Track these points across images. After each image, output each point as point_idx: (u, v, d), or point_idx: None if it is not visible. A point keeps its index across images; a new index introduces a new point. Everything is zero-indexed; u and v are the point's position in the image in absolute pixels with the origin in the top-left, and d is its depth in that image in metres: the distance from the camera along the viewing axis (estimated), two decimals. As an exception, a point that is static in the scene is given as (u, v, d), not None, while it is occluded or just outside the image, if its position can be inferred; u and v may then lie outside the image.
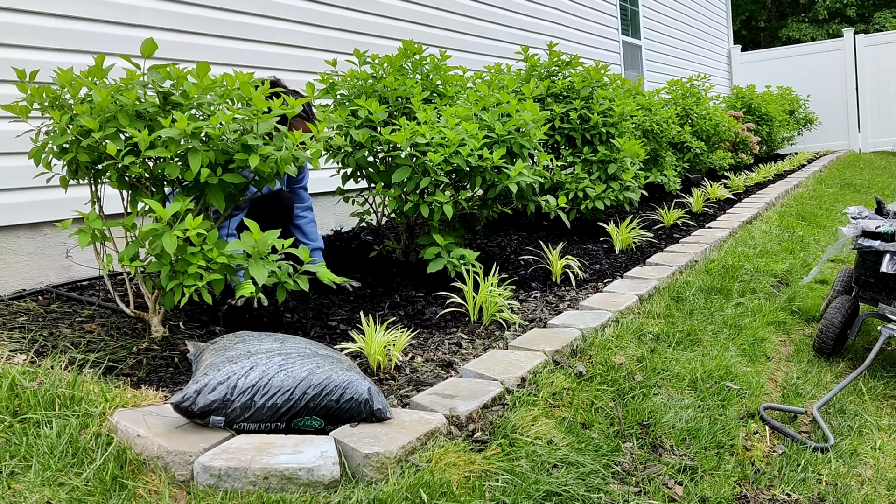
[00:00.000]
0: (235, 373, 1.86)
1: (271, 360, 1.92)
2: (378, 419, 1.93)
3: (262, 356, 1.94)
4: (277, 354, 1.96)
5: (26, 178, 3.11)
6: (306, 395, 1.87)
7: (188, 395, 1.81)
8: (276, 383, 1.86)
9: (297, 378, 1.88)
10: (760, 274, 3.94)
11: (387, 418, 1.94)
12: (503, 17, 6.62)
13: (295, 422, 1.88)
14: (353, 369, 2.00)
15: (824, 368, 2.81)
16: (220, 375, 1.85)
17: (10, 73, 3.07)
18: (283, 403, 1.85)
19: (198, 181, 2.52)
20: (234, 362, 1.89)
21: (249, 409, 1.83)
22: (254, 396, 1.83)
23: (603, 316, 2.93)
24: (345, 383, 1.91)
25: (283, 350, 2.00)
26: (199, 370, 1.93)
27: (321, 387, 1.88)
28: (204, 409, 1.81)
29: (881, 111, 12.28)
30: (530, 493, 1.73)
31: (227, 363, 1.90)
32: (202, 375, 1.86)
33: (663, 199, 6.41)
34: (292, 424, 1.87)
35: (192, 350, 2.28)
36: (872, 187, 7.81)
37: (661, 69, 10.31)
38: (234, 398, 1.82)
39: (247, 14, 4.16)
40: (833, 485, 1.97)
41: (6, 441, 1.76)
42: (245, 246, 2.40)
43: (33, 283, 3.21)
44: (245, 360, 1.91)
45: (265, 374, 1.87)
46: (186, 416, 1.83)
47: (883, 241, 2.71)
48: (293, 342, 2.10)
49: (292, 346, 2.05)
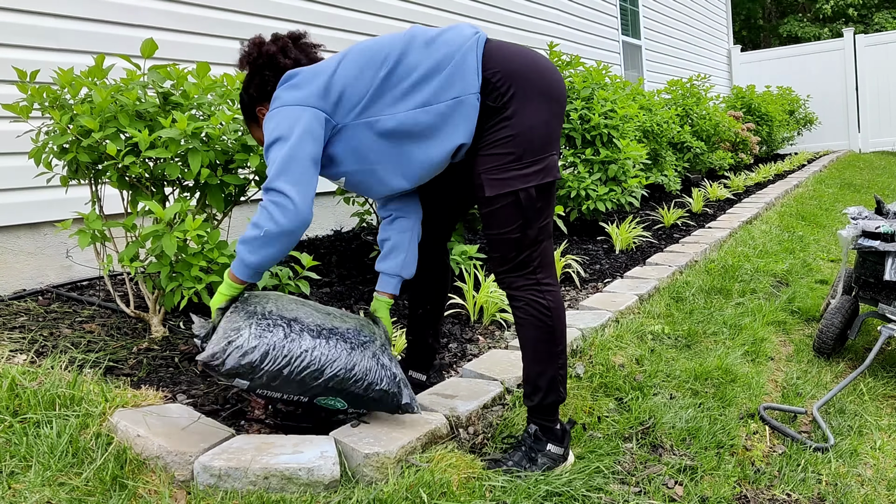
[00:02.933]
0: (271, 344, 1.77)
1: (306, 334, 1.83)
2: (405, 411, 1.89)
3: (298, 327, 1.83)
4: (316, 329, 1.85)
5: (26, 178, 3.11)
6: (336, 376, 1.80)
7: (217, 353, 1.72)
8: (308, 361, 1.79)
9: (331, 359, 1.81)
10: (760, 274, 3.94)
11: (414, 412, 1.90)
12: (503, 17, 6.63)
13: (318, 399, 1.83)
14: (387, 353, 1.92)
15: (824, 368, 2.81)
16: (254, 340, 1.76)
17: (10, 73, 3.07)
18: (311, 381, 1.79)
19: (198, 181, 2.52)
20: (269, 330, 1.79)
21: (276, 380, 1.77)
22: (283, 369, 1.77)
23: (603, 316, 2.93)
24: (376, 373, 1.85)
25: (323, 326, 1.88)
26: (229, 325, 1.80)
27: (353, 372, 1.82)
28: (231, 370, 1.74)
29: (881, 111, 12.28)
30: (531, 494, 1.73)
31: (263, 329, 1.79)
32: (234, 333, 1.76)
33: (663, 199, 6.41)
34: (315, 401, 1.84)
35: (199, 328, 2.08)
36: (872, 187, 7.81)
37: (661, 69, 10.31)
38: (263, 366, 1.75)
39: (247, 14, 4.16)
40: (833, 485, 1.97)
41: (6, 441, 1.76)
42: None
43: (33, 283, 3.21)
44: (280, 330, 1.80)
45: (300, 348, 1.79)
46: (211, 372, 1.75)
47: (883, 242, 2.71)
48: (338, 317, 1.96)
49: (334, 322, 1.92)
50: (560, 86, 1.82)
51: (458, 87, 1.74)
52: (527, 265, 1.82)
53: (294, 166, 1.72)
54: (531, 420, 1.90)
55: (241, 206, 4.00)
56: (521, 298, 1.84)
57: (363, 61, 1.80)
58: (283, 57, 1.91)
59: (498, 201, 1.77)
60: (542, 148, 1.76)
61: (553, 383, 1.85)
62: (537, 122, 1.75)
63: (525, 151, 1.75)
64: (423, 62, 1.77)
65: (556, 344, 1.84)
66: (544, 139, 1.77)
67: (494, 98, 1.75)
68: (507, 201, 1.76)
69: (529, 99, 1.75)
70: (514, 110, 1.74)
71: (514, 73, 1.75)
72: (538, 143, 1.75)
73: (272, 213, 1.72)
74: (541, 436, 1.88)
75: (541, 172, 1.76)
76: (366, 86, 1.78)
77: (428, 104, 1.75)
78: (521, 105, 1.74)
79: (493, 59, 1.76)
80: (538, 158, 1.76)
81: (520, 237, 1.79)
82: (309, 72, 1.82)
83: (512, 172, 1.75)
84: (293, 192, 1.71)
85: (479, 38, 1.79)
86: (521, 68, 1.76)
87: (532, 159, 1.75)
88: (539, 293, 1.83)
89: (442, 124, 1.77)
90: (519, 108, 1.74)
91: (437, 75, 1.75)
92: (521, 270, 1.83)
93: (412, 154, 1.82)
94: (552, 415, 1.88)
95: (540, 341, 1.84)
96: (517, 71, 1.75)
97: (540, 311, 1.82)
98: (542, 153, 1.76)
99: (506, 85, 1.74)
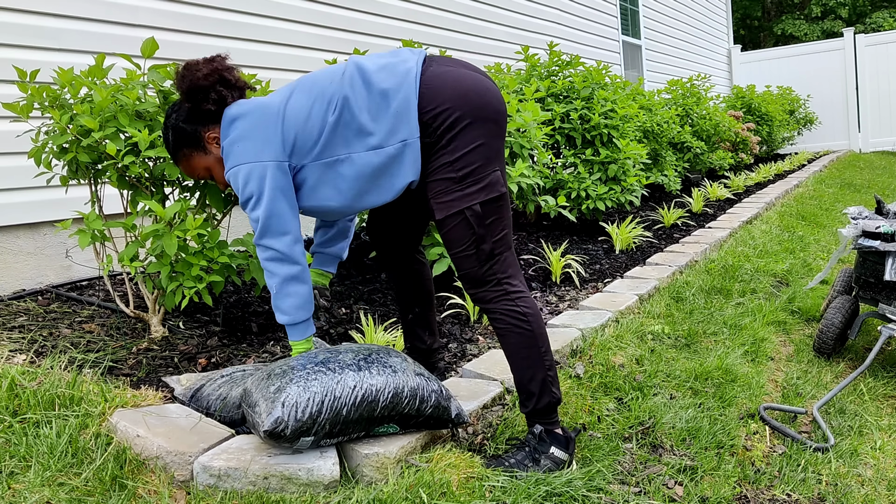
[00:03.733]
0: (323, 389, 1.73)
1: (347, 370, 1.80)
2: (456, 424, 1.90)
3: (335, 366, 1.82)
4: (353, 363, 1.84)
5: (26, 178, 3.11)
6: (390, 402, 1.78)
7: (279, 418, 1.66)
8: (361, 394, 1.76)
9: (380, 386, 1.79)
10: (760, 274, 3.94)
11: (466, 422, 1.93)
12: (503, 17, 6.62)
13: (374, 429, 1.81)
14: (424, 374, 1.91)
15: (824, 368, 2.81)
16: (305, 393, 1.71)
17: (10, 73, 3.07)
18: (368, 414, 1.76)
19: (198, 181, 2.52)
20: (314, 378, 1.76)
21: (337, 425, 1.73)
22: (342, 410, 1.73)
23: (603, 316, 2.93)
24: (424, 389, 1.84)
25: (357, 357, 1.87)
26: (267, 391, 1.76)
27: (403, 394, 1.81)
28: (295, 431, 1.68)
29: (881, 111, 12.27)
30: (531, 494, 1.73)
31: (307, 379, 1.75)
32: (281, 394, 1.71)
33: (663, 199, 6.41)
34: (371, 432, 1.81)
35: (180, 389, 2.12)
36: (872, 187, 7.81)
37: (661, 69, 10.31)
38: (323, 414, 1.71)
39: (247, 14, 4.16)
40: (833, 485, 1.97)
41: (6, 441, 1.76)
42: (248, 245, 2.41)
43: (33, 283, 3.21)
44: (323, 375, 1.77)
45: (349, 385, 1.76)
46: (276, 441, 1.68)
47: (883, 241, 2.70)
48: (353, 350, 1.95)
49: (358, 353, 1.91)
50: (494, 104, 1.87)
51: (404, 132, 1.83)
52: (491, 278, 1.87)
53: (273, 222, 1.88)
54: (533, 423, 1.91)
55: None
56: (495, 311, 1.89)
57: (309, 104, 1.88)
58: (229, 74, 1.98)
59: (448, 222, 1.85)
60: (482, 167, 1.84)
61: (544, 385, 1.88)
62: (473, 144, 1.83)
63: (466, 174, 1.83)
64: (366, 107, 1.84)
65: (538, 347, 1.88)
66: (483, 158, 1.84)
67: (430, 134, 1.84)
68: (457, 221, 1.84)
69: (463, 127, 1.82)
70: (448, 139, 1.83)
71: (447, 108, 1.82)
72: (477, 164, 1.83)
73: (270, 269, 1.93)
74: (545, 437, 1.89)
75: (484, 189, 1.84)
76: (317, 130, 1.87)
77: (379, 147, 1.84)
78: (454, 134, 1.83)
79: (425, 98, 1.83)
80: (479, 177, 1.84)
81: (476, 252, 1.85)
82: (256, 115, 1.88)
83: (455, 194, 1.83)
84: (279, 245, 1.90)
85: (417, 75, 1.84)
86: (449, 98, 1.82)
87: (473, 179, 1.83)
88: (511, 302, 1.87)
89: (393, 164, 1.85)
90: (453, 137, 1.82)
91: (382, 120, 1.83)
92: (487, 285, 1.88)
93: (367, 188, 1.90)
94: (551, 417, 1.90)
95: (523, 347, 1.87)
96: (446, 102, 1.82)
97: (517, 319, 1.87)
98: (482, 172, 1.84)
99: (440, 120, 1.82)
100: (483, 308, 1.91)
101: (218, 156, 2.00)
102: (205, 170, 2.04)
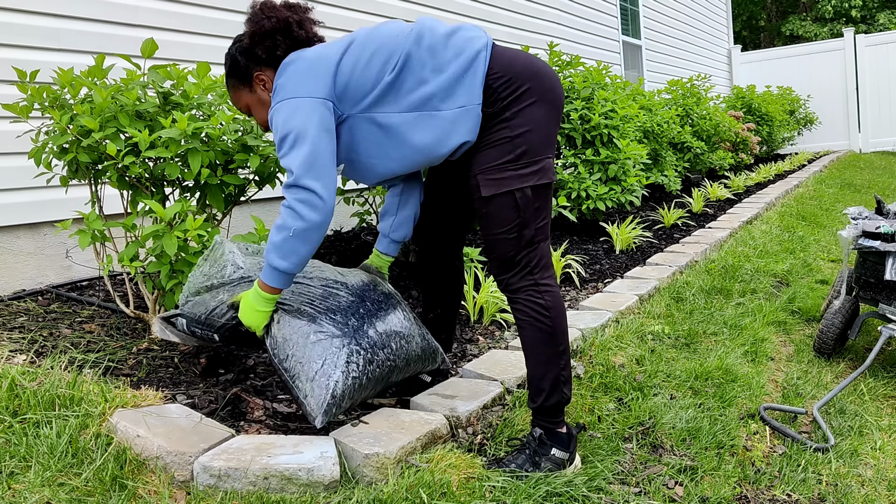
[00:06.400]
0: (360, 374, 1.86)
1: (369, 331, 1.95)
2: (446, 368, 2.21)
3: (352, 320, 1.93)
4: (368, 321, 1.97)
5: (26, 178, 3.11)
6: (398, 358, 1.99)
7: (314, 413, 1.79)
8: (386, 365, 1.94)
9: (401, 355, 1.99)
10: (761, 274, 3.94)
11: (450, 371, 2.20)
12: (503, 17, 6.62)
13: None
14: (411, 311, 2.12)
15: (825, 369, 2.81)
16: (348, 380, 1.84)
17: (10, 73, 3.07)
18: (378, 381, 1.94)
19: (198, 181, 2.52)
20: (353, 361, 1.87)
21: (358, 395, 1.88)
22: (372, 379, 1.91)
23: (603, 316, 2.93)
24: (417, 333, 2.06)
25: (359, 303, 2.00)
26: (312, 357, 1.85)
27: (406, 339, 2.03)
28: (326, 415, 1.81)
29: (881, 111, 12.27)
30: (531, 494, 1.73)
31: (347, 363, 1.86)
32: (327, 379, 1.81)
33: (663, 199, 6.40)
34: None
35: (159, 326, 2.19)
36: (873, 187, 7.81)
37: (662, 69, 10.31)
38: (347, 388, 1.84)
39: (247, 14, 4.16)
40: (833, 485, 1.97)
41: (6, 441, 1.76)
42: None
43: (33, 283, 3.21)
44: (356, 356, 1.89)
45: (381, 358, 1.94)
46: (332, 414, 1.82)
47: (883, 242, 2.70)
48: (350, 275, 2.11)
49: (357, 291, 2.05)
50: (558, 89, 1.84)
51: (465, 98, 1.77)
52: (525, 266, 1.83)
53: (317, 162, 1.73)
54: (536, 423, 1.89)
55: (241, 206, 4.00)
56: (519, 300, 1.85)
57: (367, 55, 1.80)
58: (298, 28, 1.89)
59: (495, 201, 1.79)
60: (539, 150, 1.79)
61: (556, 384, 1.85)
62: (535, 124, 1.78)
63: (522, 153, 1.77)
64: (429, 69, 1.78)
65: (556, 344, 1.84)
66: (542, 141, 1.79)
67: (492, 103, 1.78)
68: (504, 201, 1.78)
69: (528, 102, 1.77)
70: (513, 112, 1.77)
71: (515, 78, 1.78)
72: (535, 145, 1.78)
73: (299, 211, 1.73)
74: (545, 440, 1.87)
75: (537, 173, 1.78)
76: (370, 82, 1.79)
77: (435, 110, 1.78)
78: (519, 108, 1.78)
79: (497, 65, 1.78)
80: (535, 160, 1.78)
81: (517, 237, 1.80)
82: (312, 58, 1.80)
83: (508, 173, 1.77)
84: (319, 187, 1.73)
85: (488, 47, 1.81)
86: (521, 72, 1.79)
87: (529, 160, 1.78)
88: (538, 293, 1.83)
89: (447, 126, 1.79)
90: (518, 112, 1.77)
91: (444, 84, 1.78)
92: (518, 271, 1.83)
93: (414, 147, 1.83)
94: (557, 416, 1.88)
95: (540, 342, 1.84)
96: (518, 75, 1.78)
97: (539, 312, 1.83)
98: (538, 154, 1.79)
99: (507, 90, 1.77)
100: (508, 295, 1.87)
101: (262, 98, 1.94)
102: (246, 107, 1.98)
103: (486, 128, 1.80)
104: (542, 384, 1.85)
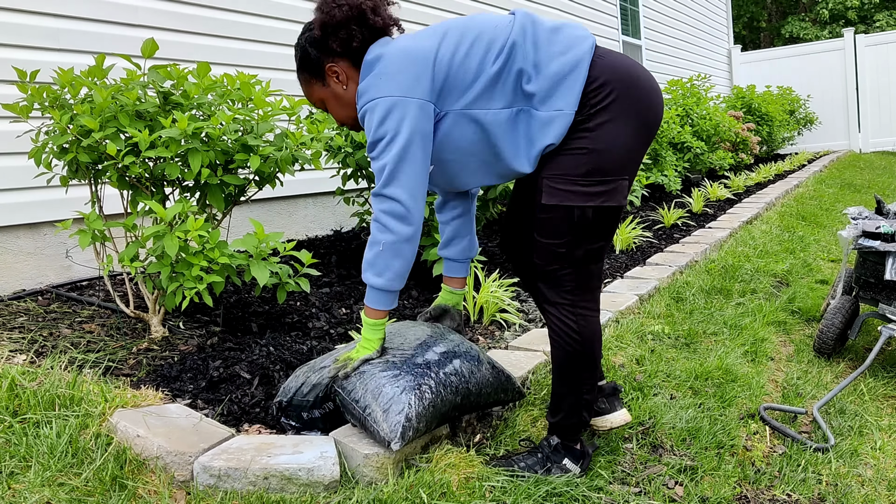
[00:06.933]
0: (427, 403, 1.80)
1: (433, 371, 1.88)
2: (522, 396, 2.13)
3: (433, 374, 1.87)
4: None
5: (26, 178, 3.11)
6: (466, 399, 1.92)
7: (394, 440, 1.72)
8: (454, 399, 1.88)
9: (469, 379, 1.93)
10: (761, 274, 3.94)
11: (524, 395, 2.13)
12: (503, 17, 6.62)
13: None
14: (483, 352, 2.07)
15: (825, 369, 2.81)
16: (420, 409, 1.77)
17: (10, 73, 3.07)
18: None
19: (198, 181, 2.52)
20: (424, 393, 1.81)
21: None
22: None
23: (603, 316, 2.93)
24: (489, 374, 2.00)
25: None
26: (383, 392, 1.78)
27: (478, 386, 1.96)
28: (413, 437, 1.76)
29: (881, 111, 12.27)
30: (531, 494, 1.73)
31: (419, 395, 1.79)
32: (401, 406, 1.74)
33: (663, 199, 6.41)
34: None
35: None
36: (873, 187, 7.81)
37: (662, 69, 10.31)
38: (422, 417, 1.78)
39: (247, 14, 4.16)
40: (833, 485, 1.97)
41: (6, 441, 1.76)
42: (248, 246, 2.41)
43: (33, 283, 3.21)
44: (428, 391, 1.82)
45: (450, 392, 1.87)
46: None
47: (883, 242, 2.70)
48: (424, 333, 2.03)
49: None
50: (656, 108, 1.68)
51: (563, 102, 1.63)
52: (564, 283, 1.72)
53: (406, 169, 1.63)
54: (552, 433, 1.88)
55: (241, 206, 4.00)
56: (552, 316, 1.76)
57: (467, 44, 1.67)
58: (373, 14, 1.74)
59: (552, 211, 1.67)
60: (614, 170, 1.64)
61: (575, 408, 1.81)
62: (618, 141, 1.63)
63: (596, 169, 1.63)
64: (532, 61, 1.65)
65: (581, 370, 1.77)
66: (621, 161, 1.65)
67: (582, 107, 1.64)
68: (561, 214, 1.66)
69: (616, 114, 1.63)
70: (597, 123, 1.63)
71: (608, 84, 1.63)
72: (613, 164, 1.63)
73: (386, 223, 1.66)
74: (561, 449, 1.85)
75: (605, 195, 1.65)
76: (472, 74, 1.65)
77: (535, 109, 1.65)
78: (605, 119, 1.63)
79: (596, 68, 1.63)
80: (607, 179, 1.64)
81: (565, 253, 1.69)
82: (406, 51, 1.66)
83: (575, 187, 1.64)
84: (405, 197, 1.64)
85: (593, 45, 1.67)
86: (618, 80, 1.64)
87: (601, 178, 1.63)
88: (572, 316, 1.74)
89: (540, 126, 1.66)
90: (602, 123, 1.63)
91: (546, 84, 1.64)
92: (556, 286, 1.73)
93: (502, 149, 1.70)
94: (573, 436, 1.85)
95: (566, 364, 1.77)
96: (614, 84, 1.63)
97: (568, 335, 1.75)
98: (613, 175, 1.64)
99: (598, 96, 1.63)
100: (541, 307, 1.79)
101: (336, 92, 1.79)
102: (320, 101, 1.84)
103: (569, 132, 1.65)
104: (562, 404, 1.82)
